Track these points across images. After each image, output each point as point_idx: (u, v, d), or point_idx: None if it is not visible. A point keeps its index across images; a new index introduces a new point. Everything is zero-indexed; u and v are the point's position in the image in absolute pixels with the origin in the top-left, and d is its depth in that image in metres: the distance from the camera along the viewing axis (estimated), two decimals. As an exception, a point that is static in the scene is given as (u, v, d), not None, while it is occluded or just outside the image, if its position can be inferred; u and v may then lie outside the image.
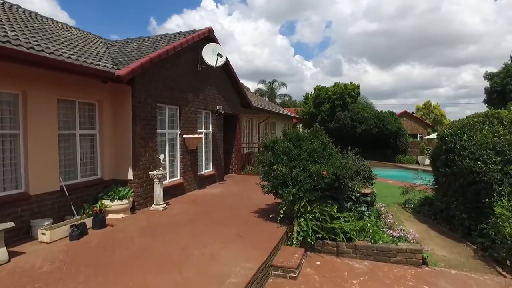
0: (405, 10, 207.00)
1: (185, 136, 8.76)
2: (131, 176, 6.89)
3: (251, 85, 62.98)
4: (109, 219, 6.06)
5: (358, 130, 25.19)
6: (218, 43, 9.98)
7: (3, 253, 4.17)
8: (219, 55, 9.27)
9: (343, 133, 24.44)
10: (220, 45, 9.76)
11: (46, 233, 4.88)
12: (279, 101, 45.16)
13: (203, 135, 10.01)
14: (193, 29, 10.08)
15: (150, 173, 7.09)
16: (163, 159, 7.32)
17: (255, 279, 3.92)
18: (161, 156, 7.21)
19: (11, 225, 4.38)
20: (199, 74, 9.49)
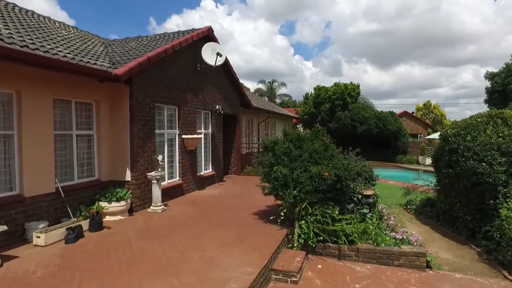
0: (404, 10, 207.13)
1: (184, 136, 8.64)
2: (129, 177, 6.78)
3: (251, 85, 62.89)
4: (106, 221, 5.94)
5: (358, 130, 25.09)
6: (217, 42, 9.85)
7: (-5, 258, 4.06)
8: (219, 54, 9.16)
9: (343, 133, 24.32)
10: (219, 44, 9.64)
11: (41, 236, 4.77)
12: (279, 101, 45.05)
13: (202, 136, 9.90)
14: (192, 28, 9.96)
15: (148, 174, 6.97)
16: (162, 160, 7.21)
17: (255, 285, 3.80)
18: (159, 156, 7.09)
19: (4, 228, 4.28)
20: (198, 73, 9.37)
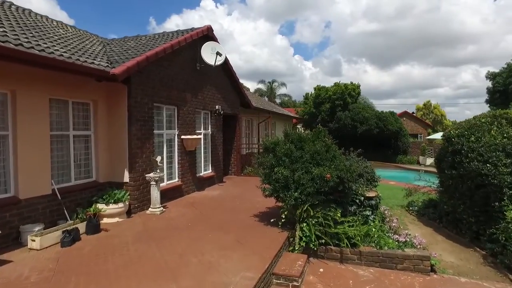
0: (404, 10, 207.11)
1: (183, 137, 8.52)
2: (127, 178, 6.66)
3: (251, 85, 62.85)
4: (103, 224, 5.83)
5: (358, 130, 24.99)
6: (217, 41, 9.74)
7: (-12, 262, 3.95)
8: (218, 54, 9.04)
9: (343, 133, 24.21)
10: (219, 44, 9.52)
11: (36, 240, 4.65)
12: (278, 101, 44.93)
13: (201, 136, 9.78)
14: (191, 27, 9.85)
15: (147, 175, 6.86)
16: (161, 161, 7.09)
17: (256, 290, 3.69)
18: (158, 157, 6.98)
19: (-2, 231, 4.16)
20: (197, 73, 9.26)
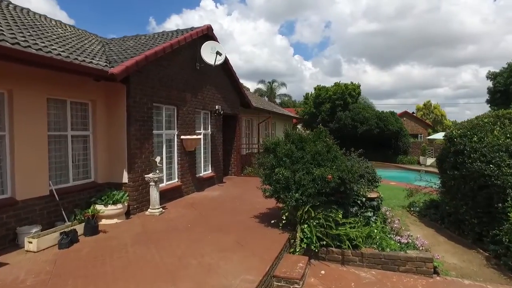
0: (404, 10, 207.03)
1: (183, 137, 8.45)
2: (126, 179, 6.59)
3: (251, 85, 62.80)
4: (102, 225, 5.76)
5: (359, 130, 24.94)
6: (217, 41, 9.67)
7: (-16, 265, 3.88)
8: (218, 53, 8.98)
9: (344, 134, 24.16)
10: (219, 43, 9.46)
11: (33, 242, 4.57)
12: (278, 101, 44.87)
13: (201, 136, 9.71)
14: (191, 26, 9.78)
15: (146, 176, 6.79)
16: (160, 161, 7.02)
17: (257, 293, 3.62)
18: (157, 158, 6.91)
19: (-6, 233, 4.09)
20: (197, 73, 9.19)
